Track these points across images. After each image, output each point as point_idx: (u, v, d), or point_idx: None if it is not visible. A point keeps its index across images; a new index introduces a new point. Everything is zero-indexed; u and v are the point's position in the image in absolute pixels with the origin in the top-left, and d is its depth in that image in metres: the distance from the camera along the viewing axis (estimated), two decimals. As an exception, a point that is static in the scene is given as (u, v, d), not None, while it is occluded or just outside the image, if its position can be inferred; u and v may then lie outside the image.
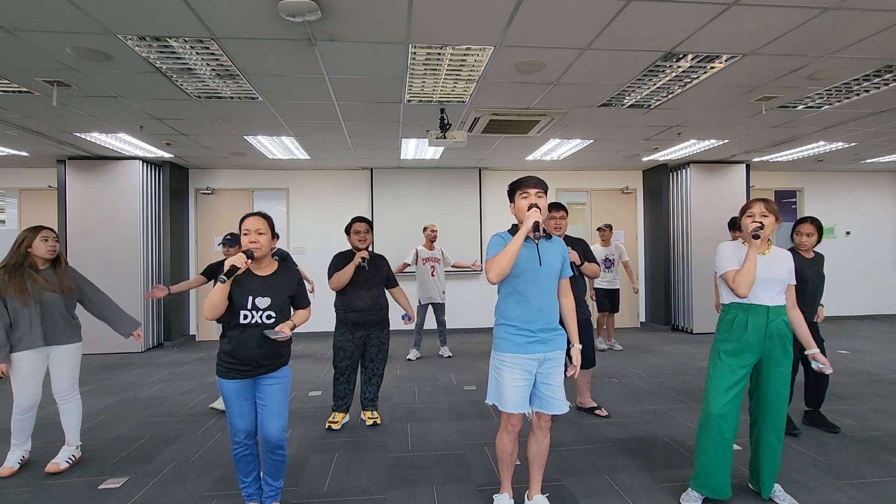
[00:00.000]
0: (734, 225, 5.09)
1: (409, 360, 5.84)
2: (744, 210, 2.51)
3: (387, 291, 3.73)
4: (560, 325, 2.30)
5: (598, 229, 6.34)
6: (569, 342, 2.35)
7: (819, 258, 3.41)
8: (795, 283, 2.51)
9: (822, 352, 3.38)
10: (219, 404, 3.98)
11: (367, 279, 3.54)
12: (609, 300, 6.24)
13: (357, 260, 3.47)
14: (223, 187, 7.50)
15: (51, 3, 2.53)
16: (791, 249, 3.43)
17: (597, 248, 6.24)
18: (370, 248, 3.63)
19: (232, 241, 3.93)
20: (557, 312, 2.28)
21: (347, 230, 3.60)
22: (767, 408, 2.46)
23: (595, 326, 6.57)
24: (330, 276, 3.52)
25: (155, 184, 6.80)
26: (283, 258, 5.20)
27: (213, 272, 3.81)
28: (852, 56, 3.32)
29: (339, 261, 3.56)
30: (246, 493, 2.39)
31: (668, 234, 7.74)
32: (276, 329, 2.24)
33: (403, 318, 3.78)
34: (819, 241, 3.35)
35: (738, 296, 2.39)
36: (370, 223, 3.61)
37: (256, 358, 2.25)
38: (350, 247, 3.63)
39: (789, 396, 3.43)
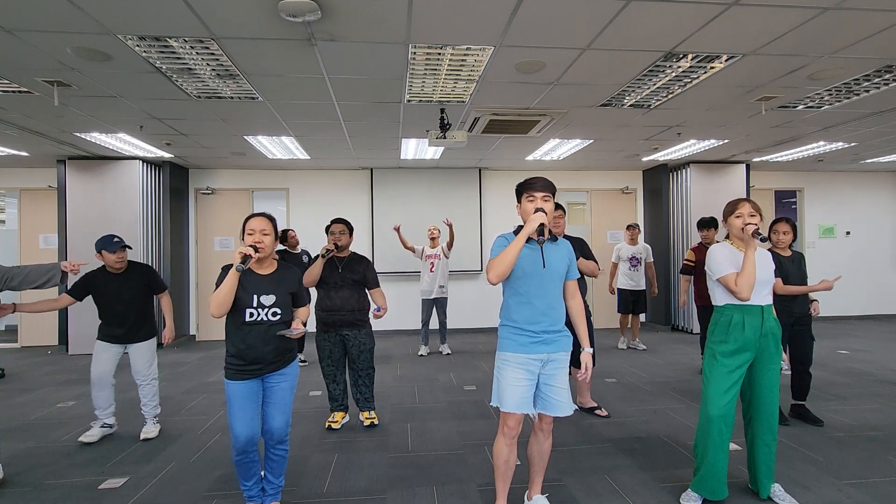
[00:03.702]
0: (707, 224, 5.03)
1: (420, 356, 5.94)
2: (731, 210, 2.49)
3: (369, 293, 3.66)
4: (567, 326, 2.28)
5: (627, 228, 6.29)
6: (578, 345, 2.33)
7: (797, 256, 3.44)
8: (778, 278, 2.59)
9: (811, 350, 3.52)
10: (86, 438, 3.37)
11: (336, 280, 3.51)
12: (634, 301, 6.19)
13: (321, 251, 3.46)
14: (223, 187, 7.50)
15: (51, 3, 2.53)
16: (769, 249, 3.47)
17: (623, 248, 6.22)
18: (345, 248, 3.57)
19: (115, 244, 3.31)
20: (563, 314, 2.25)
21: (327, 230, 3.60)
22: (761, 406, 2.47)
23: (619, 326, 6.55)
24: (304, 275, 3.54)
25: (155, 184, 6.80)
26: (309, 255, 5.39)
27: (84, 289, 3.30)
28: (852, 56, 3.32)
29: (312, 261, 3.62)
30: (247, 494, 2.39)
31: (668, 235, 7.74)
32: (292, 327, 2.35)
33: (375, 310, 3.61)
34: (794, 239, 3.42)
35: (740, 299, 2.37)
36: (349, 225, 3.58)
37: (266, 355, 2.27)
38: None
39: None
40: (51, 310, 3.21)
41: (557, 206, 3.51)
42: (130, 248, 3.46)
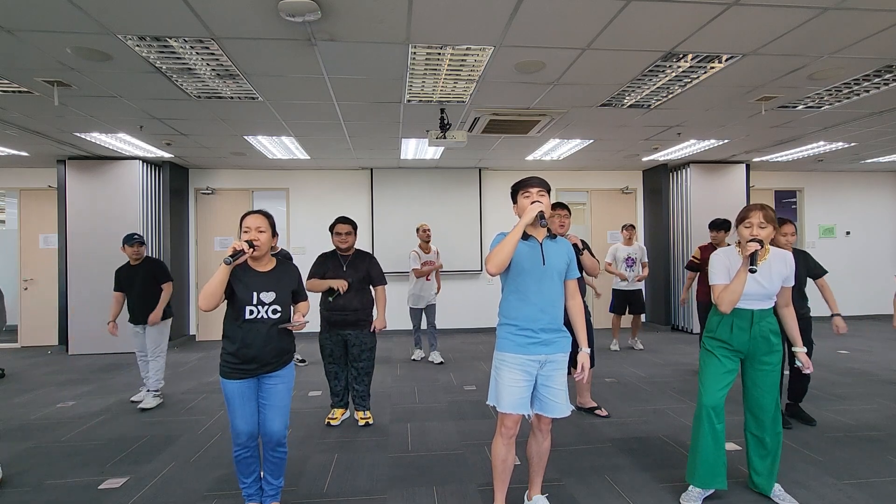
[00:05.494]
0: (719, 226, 4.98)
1: (413, 360, 5.84)
2: (741, 218, 2.42)
3: (373, 291, 3.67)
4: (566, 326, 2.28)
5: (623, 228, 6.26)
6: (576, 345, 2.33)
7: (800, 255, 3.43)
8: (794, 284, 2.48)
9: (810, 353, 3.44)
10: (143, 405, 4.08)
11: (341, 279, 3.49)
12: (629, 301, 6.16)
13: (335, 286, 3.42)
14: (223, 187, 7.51)
15: (51, 3, 2.53)
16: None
17: (619, 248, 6.21)
18: (350, 248, 3.59)
19: (132, 239, 4.11)
20: (562, 314, 2.25)
21: (331, 229, 3.58)
22: (754, 403, 2.50)
23: (611, 327, 6.54)
24: (310, 275, 3.52)
25: (155, 184, 6.80)
26: (287, 257, 5.27)
27: (119, 282, 4.14)
28: (852, 56, 3.32)
29: (321, 261, 3.57)
30: (246, 493, 2.39)
31: (668, 235, 7.74)
32: (294, 320, 2.35)
33: (374, 321, 3.63)
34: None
35: (719, 310, 2.40)
36: (354, 224, 3.58)
37: (264, 355, 2.26)
38: (333, 247, 3.62)
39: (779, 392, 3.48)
40: (118, 311, 4.16)
41: (563, 206, 3.51)
42: (144, 243, 4.21)
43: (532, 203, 2.15)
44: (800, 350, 2.53)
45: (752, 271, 2.23)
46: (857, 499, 2.51)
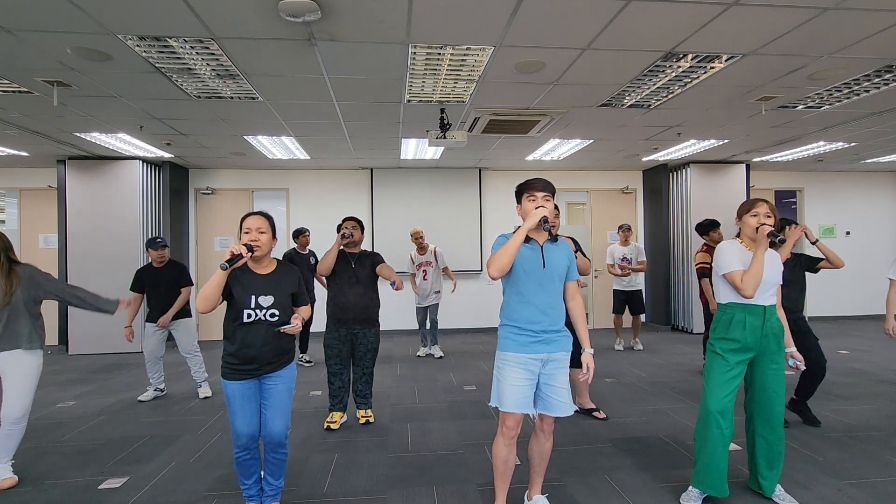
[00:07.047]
0: (712, 225, 4.94)
1: (418, 356, 5.97)
2: (747, 208, 2.49)
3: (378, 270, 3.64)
4: (567, 327, 2.28)
5: (619, 229, 6.28)
6: (578, 346, 2.32)
7: (794, 257, 3.45)
8: (782, 283, 2.55)
9: (819, 349, 3.44)
10: (142, 397, 4.37)
11: (350, 276, 3.53)
12: (628, 301, 6.20)
13: (338, 239, 3.41)
14: (223, 187, 7.51)
15: (51, 3, 2.53)
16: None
17: (616, 248, 6.24)
18: (357, 245, 3.60)
19: (157, 243, 4.23)
20: (562, 315, 2.26)
21: (338, 228, 3.60)
22: (763, 404, 2.48)
23: (613, 327, 6.56)
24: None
25: (155, 184, 6.80)
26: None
27: (140, 282, 4.28)
28: (852, 56, 3.32)
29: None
30: (247, 494, 2.39)
31: (668, 235, 7.74)
32: (291, 320, 2.32)
33: (392, 285, 3.58)
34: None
35: (744, 296, 2.38)
36: (360, 222, 3.62)
37: (263, 356, 2.25)
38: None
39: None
40: (135, 313, 4.21)
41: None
42: (168, 246, 4.36)
43: (537, 208, 2.15)
44: (790, 350, 2.58)
45: (781, 241, 2.38)
46: (857, 499, 2.51)
